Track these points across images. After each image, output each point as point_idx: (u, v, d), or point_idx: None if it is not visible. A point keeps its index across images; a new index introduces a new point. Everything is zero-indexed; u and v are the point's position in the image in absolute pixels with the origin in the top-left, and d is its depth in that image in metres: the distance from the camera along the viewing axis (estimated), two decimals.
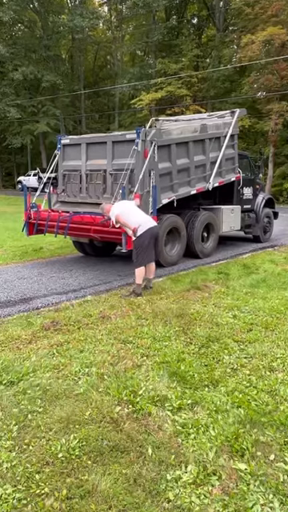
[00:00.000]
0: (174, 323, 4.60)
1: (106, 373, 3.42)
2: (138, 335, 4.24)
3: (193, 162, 8.36)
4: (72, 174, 8.28)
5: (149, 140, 7.25)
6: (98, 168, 7.83)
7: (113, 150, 7.55)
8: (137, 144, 7.07)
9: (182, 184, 8.20)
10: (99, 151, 7.78)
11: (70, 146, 8.44)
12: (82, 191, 8.13)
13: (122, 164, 7.25)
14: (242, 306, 5.24)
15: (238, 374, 3.49)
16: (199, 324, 4.60)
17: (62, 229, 7.63)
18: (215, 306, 5.31)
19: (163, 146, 7.59)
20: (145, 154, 7.17)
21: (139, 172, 7.11)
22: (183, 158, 8.15)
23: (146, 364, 3.61)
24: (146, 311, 5.04)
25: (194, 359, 3.71)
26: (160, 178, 7.55)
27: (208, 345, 4.04)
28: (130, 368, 3.52)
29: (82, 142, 8.13)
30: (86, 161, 8.03)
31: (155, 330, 4.40)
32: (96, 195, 7.88)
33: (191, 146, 8.28)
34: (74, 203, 8.26)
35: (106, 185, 7.73)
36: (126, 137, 7.45)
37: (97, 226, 7.12)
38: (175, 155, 7.89)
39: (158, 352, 3.85)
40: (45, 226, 7.86)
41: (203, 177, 8.74)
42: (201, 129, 8.67)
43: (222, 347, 3.99)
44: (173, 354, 3.79)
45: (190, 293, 5.94)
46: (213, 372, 3.48)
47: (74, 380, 3.34)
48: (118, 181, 7.39)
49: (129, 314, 4.97)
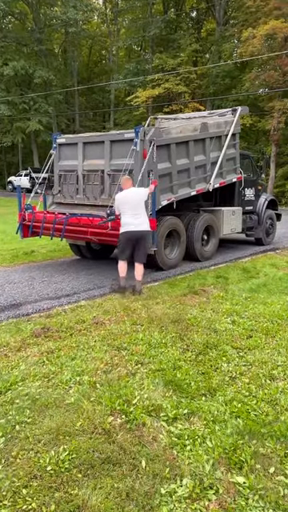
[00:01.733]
0: (171, 329, 4.61)
1: (99, 381, 3.42)
2: (133, 342, 4.25)
3: (193, 162, 8.43)
4: (68, 174, 8.34)
5: (148, 139, 7.31)
6: (95, 168, 7.89)
7: (111, 150, 7.62)
8: (135, 144, 7.14)
9: (182, 185, 8.26)
10: (96, 151, 7.84)
11: (65, 145, 8.51)
12: (79, 192, 8.20)
13: (121, 164, 7.32)
14: (241, 312, 5.26)
15: (237, 382, 3.50)
16: (196, 330, 4.61)
17: (59, 231, 7.67)
18: (213, 311, 5.32)
19: (162, 146, 7.66)
20: (144, 154, 7.24)
21: (138, 173, 7.17)
22: (183, 158, 8.22)
23: (140, 372, 3.61)
24: (141, 316, 5.05)
25: (191, 367, 3.72)
26: (159, 179, 7.61)
27: (205, 352, 4.05)
28: (124, 376, 3.52)
29: (79, 142, 8.19)
30: (83, 161, 8.10)
31: (151, 336, 4.41)
32: (93, 196, 7.93)
33: (191, 145, 8.35)
34: (71, 205, 8.32)
35: (103, 186, 7.79)
36: (124, 136, 7.51)
37: (94, 228, 7.18)
38: (175, 155, 7.96)
39: (153, 359, 3.85)
40: (40, 228, 7.92)
41: (204, 177, 8.81)
42: (201, 128, 8.73)
43: (220, 354, 4.00)
44: (169, 361, 3.80)
45: (187, 297, 5.95)
46: (210, 380, 3.49)
47: (64, 389, 3.34)
48: (116, 182, 7.46)
49: (123, 319, 4.97)
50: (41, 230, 7.95)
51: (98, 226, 7.00)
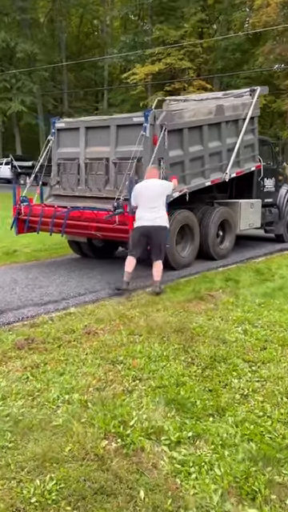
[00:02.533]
0: (173, 340, 4.61)
1: (91, 400, 3.42)
2: (130, 354, 4.25)
3: (207, 149, 8.53)
4: (68, 163, 8.43)
5: (158, 124, 7.40)
6: (99, 156, 7.97)
7: (117, 136, 7.76)
8: (145, 129, 7.26)
9: (196, 175, 8.36)
10: (101, 137, 7.97)
11: (65, 130, 8.58)
12: (81, 183, 8.29)
13: (128, 152, 7.41)
14: (254, 320, 5.26)
15: (249, 400, 3.50)
16: (203, 341, 4.61)
17: (58, 226, 7.76)
18: (222, 319, 5.33)
19: (174, 131, 7.76)
20: (154, 141, 7.34)
21: (147, 161, 7.26)
22: (197, 145, 8.32)
23: (138, 389, 3.61)
24: (139, 325, 5.05)
25: (197, 383, 3.72)
26: (171, 168, 7.68)
27: (213, 366, 4.06)
28: (120, 394, 3.52)
29: (81, 126, 8.27)
30: (85, 148, 8.19)
31: (150, 348, 4.41)
32: (97, 188, 8.02)
33: (206, 130, 8.45)
34: (71, 197, 8.39)
35: (108, 176, 7.89)
36: (132, 120, 7.62)
37: (99, 223, 7.30)
38: (188, 141, 8.06)
39: (153, 374, 3.85)
40: (38, 223, 8.02)
41: (219, 166, 8.90)
42: (216, 110, 8.80)
43: (229, 369, 4.00)
44: (171, 376, 3.80)
45: (192, 303, 5.96)
46: (219, 398, 3.49)
47: (51, 409, 3.34)
48: (122, 171, 7.58)
49: (119, 328, 4.98)
50: (38, 224, 8.03)
51: (104, 220, 7.09)
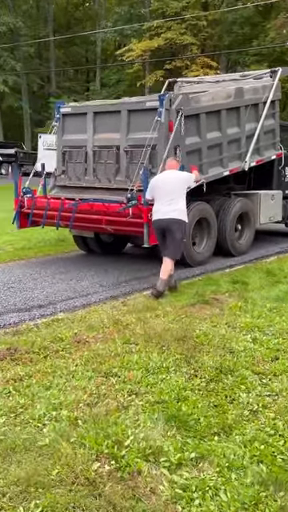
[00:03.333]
0: (174, 349, 4.62)
1: (81, 417, 3.42)
2: (125, 366, 4.25)
3: (226, 135, 8.80)
4: (75, 151, 8.69)
5: (174, 109, 7.63)
6: (108, 144, 8.23)
7: (128, 122, 8.04)
8: (160, 114, 7.52)
9: (213, 163, 8.62)
10: (111, 123, 8.25)
11: (71, 115, 8.85)
12: (88, 173, 8.54)
13: (141, 139, 7.71)
14: (264, 327, 5.28)
15: (259, 417, 3.51)
16: (207, 350, 4.62)
17: (66, 220, 8.02)
18: (229, 325, 5.35)
19: (191, 117, 8.02)
20: (169, 127, 7.58)
21: (163, 149, 7.51)
22: (214, 131, 8.60)
23: (135, 405, 3.61)
24: (136, 333, 5.06)
25: (200, 398, 3.73)
26: (187, 157, 7.90)
27: (219, 378, 4.07)
28: (114, 410, 3.52)
29: (89, 111, 8.52)
30: (94, 134, 8.44)
31: (148, 358, 4.42)
32: (106, 178, 8.28)
33: (224, 115, 8.72)
34: (78, 188, 8.66)
35: (119, 165, 8.16)
36: (145, 105, 7.90)
37: (110, 216, 7.54)
38: (205, 128, 8.33)
39: (151, 388, 3.86)
40: (42, 217, 8.31)
41: (238, 154, 9.17)
42: (235, 94, 9.06)
43: (237, 382, 4.01)
44: (171, 390, 3.80)
45: (195, 308, 5.98)
46: (225, 415, 3.50)
47: (36, 427, 3.34)
48: (134, 160, 7.85)
49: (113, 337, 4.99)
50: (43, 218, 8.29)
51: (116, 213, 7.33)
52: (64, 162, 8.82)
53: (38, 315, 5.90)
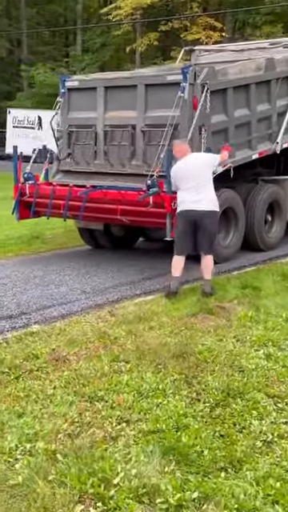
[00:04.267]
0: (172, 368, 4.62)
1: (61, 450, 3.41)
2: (114, 388, 4.25)
3: (255, 113, 9.16)
4: (83, 131, 9.01)
5: (200, 83, 7.90)
6: (122, 123, 8.52)
7: (146, 98, 8.31)
8: (183, 89, 7.81)
9: (241, 145, 8.96)
10: (125, 99, 8.54)
11: (79, 90, 9.17)
12: (98, 156, 8.87)
13: (160, 117, 8.01)
14: (280, 340, 5.29)
15: (275, 449, 3.51)
16: (212, 369, 4.63)
17: (74, 210, 8.39)
18: (237, 339, 5.35)
19: (217, 92, 8.29)
20: (194, 104, 7.85)
21: (186, 128, 7.79)
22: (242, 108, 8.95)
23: (125, 435, 3.61)
24: (126, 349, 5.06)
25: (204, 426, 3.73)
26: (213, 137, 8.16)
27: (226, 403, 4.06)
28: (100, 442, 3.51)
29: (99, 86, 8.81)
30: (105, 112, 8.74)
31: (141, 379, 4.42)
32: (120, 162, 8.61)
33: (253, 90, 9.04)
34: (86, 173, 8.98)
35: (134, 147, 8.45)
36: (166, 78, 8.23)
37: (127, 206, 7.89)
38: (233, 104, 8.64)
39: (145, 415, 3.86)
40: (48, 207, 8.67)
41: (268, 135, 9.56)
42: (266, 65, 9.41)
43: (248, 406, 4.01)
44: (169, 417, 3.80)
45: (197, 319, 5.99)
46: (233, 447, 3.50)
47: (7, 462, 3.32)
48: (153, 141, 8.13)
49: (99, 353, 4.99)
50: (49, 208, 8.64)
51: (135, 202, 7.66)
52: (69, 144, 9.13)
53: (8, 327, 5.87)
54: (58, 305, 6.74)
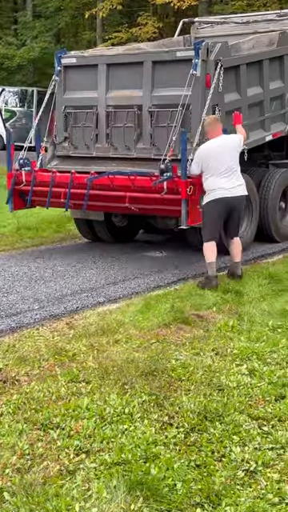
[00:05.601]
0: (140, 388, 4.61)
1: (8, 488, 3.37)
2: (71, 413, 4.22)
3: (268, 91, 9.76)
4: (82, 112, 9.39)
5: (213, 60, 8.34)
6: (127, 103, 8.94)
7: (153, 76, 8.74)
8: (195, 66, 8.21)
9: (254, 126, 9.56)
10: (130, 77, 9.00)
11: (77, 68, 9.56)
12: (100, 140, 9.28)
13: (169, 97, 8.51)
14: (265, 353, 5.31)
15: (259, 480, 3.50)
16: (186, 388, 4.62)
17: (77, 198, 8.77)
18: (217, 353, 5.36)
19: (230, 69, 8.78)
20: (207, 82, 8.30)
21: (198, 108, 8.26)
22: (255, 87, 9.56)
23: (85, 468, 3.57)
24: (86, 367, 5.04)
25: (177, 455, 3.70)
26: (226, 118, 8.54)
27: (202, 427, 4.05)
28: (55, 476, 3.48)
29: (100, 63, 9.22)
30: (107, 92, 9.17)
31: (104, 402, 4.40)
32: (125, 145, 9.03)
33: (266, 66, 9.62)
34: (87, 159, 9.40)
35: (141, 129, 8.90)
36: (176, 55, 8.69)
37: (137, 193, 8.31)
38: (246, 82, 9.21)
39: (108, 444, 3.82)
40: (48, 196, 9.02)
41: (281, 115, 10.23)
42: (280, 39, 10.03)
43: (228, 431, 4.00)
44: (136, 446, 3.77)
45: (169, 330, 5.99)
46: (211, 478, 3.47)
47: None
48: (161, 122, 8.60)
49: (54, 373, 4.95)
50: (48, 197, 8.98)
51: (146, 188, 8.14)
52: (66, 127, 9.49)
53: None
54: (5, 316, 6.64)
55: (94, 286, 7.89)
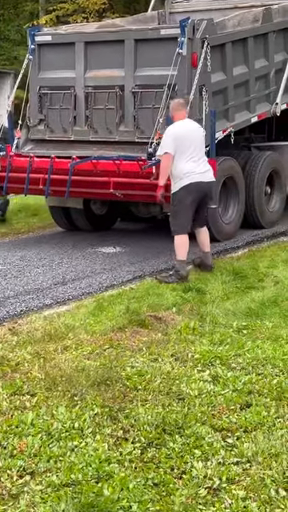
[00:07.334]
0: (92, 400, 4.62)
1: None
2: (15, 430, 4.21)
3: (253, 70, 10.20)
4: (58, 93, 9.74)
5: (199, 38, 8.74)
6: (108, 83, 9.32)
7: (135, 54, 9.08)
8: (181, 44, 8.57)
9: (240, 107, 10.02)
10: (110, 56, 9.32)
11: (52, 46, 9.90)
12: (79, 122, 9.62)
13: (153, 77, 8.89)
14: (229, 357, 5.39)
15: (223, 498, 3.50)
16: (143, 399, 4.66)
17: (58, 185, 8.98)
18: (176, 358, 5.42)
19: (216, 48, 9.15)
20: (193, 61, 8.68)
21: (184, 89, 8.67)
22: (241, 66, 10.01)
23: (29, 490, 3.54)
24: (32, 377, 5.05)
25: (132, 473, 3.70)
26: (213, 99, 9.02)
27: (161, 441, 4.06)
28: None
29: (78, 41, 9.52)
30: (86, 71, 9.50)
31: (51, 416, 4.40)
32: (106, 128, 9.40)
33: (251, 44, 10.04)
34: (63, 142, 9.71)
35: (123, 111, 9.26)
36: (159, 33, 9.15)
37: (123, 178, 8.53)
38: (231, 61, 9.61)
39: (55, 464, 3.81)
40: (25, 182, 9.13)
41: (266, 95, 10.67)
42: (264, 16, 10.41)
43: (188, 445, 4.01)
44: (87, 464, 3.75)
45: (124, 334, 6.06)
46: (170, 498, 3.47)
47: None
48: (145, 104, 8.99)
49: None
50: (26, 184, 9.14)
51: (134, 173, 8.32)
52: (41, 109, 9.76)
53: None
54: None
55: (40, 286, 7.93)
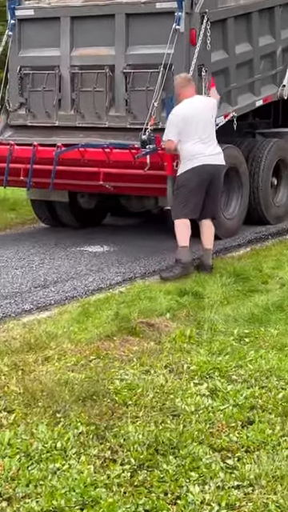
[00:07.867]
0: (76, 417, 4.57)
1: None
2: None
3: (257, 48, 10.25)
4: (41, 74, 9.70)
5: (198, 12, 8.70)
6: (96, 63, 9.30)
7: (127, 31, 9.08)
8: (178, 20, 8.50)
9: (243, 89, 10.06)
10: (98, 32, 9.37)
11: (35, 21, 9.92)
12: (64, 106, 9.65)
13: (147, 56, 8.91)
14: (230, 369, 5.33)
15: None
16: (134, 415, 4.61)
17: (41, 176, 8.93)
18: (171, 370, 5.37)
19: (216, 23, 9.15)
20: (191, 38, 8.68)
21: (183, 69, 8.56)
22: (244, 43, 10.05)
23: None
24: (9, 392, 5.02)
25: (121, 499, 3.65)
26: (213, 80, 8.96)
27: (153, 463, 4.02)
28: None
29: (63, 15, 9.55)
30: (72, 50, 9.51)
31: (31, 435, 4.35)
32: (95, 113, 9.40)
33: (255, 20, 10.10)
34: (47, 129, 9.76)
35: (113, 93, 9.27)
36: (154, 7, 8.97)
37: (113, 168, 8.67)
38: (233, 38, 9.66)
39: (36, 488, 3.76)
40: (5, 173, 9.21)
41: (272, 76, 10.74)
42: None
43: (184, 466, 3.96)
44: (71, 489, 3.70)
45: (113, 343, 6.02)
46: None
47: None
48: (138, 86, 8.97)
49: None
50: (5, 175, 9.16)
51: (127, 163, 8.42)
52: (22, 91, 9.77)
53: None
54: None
55: (19, 289, 7.91)
